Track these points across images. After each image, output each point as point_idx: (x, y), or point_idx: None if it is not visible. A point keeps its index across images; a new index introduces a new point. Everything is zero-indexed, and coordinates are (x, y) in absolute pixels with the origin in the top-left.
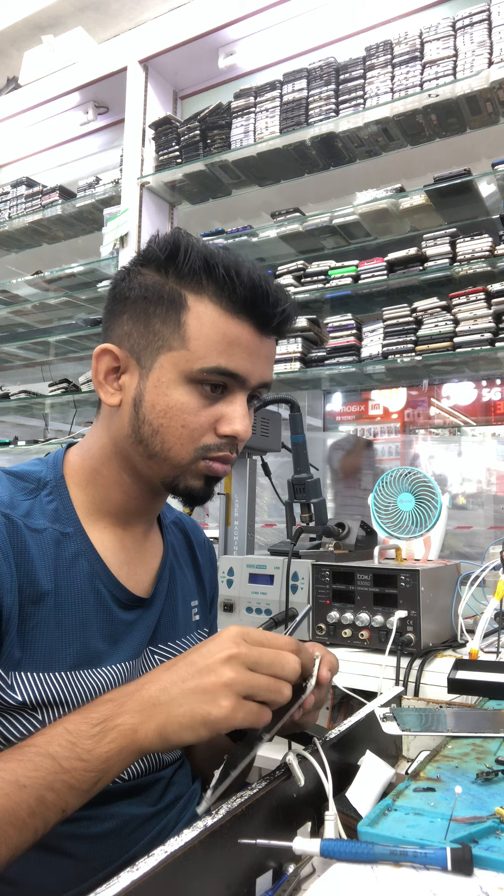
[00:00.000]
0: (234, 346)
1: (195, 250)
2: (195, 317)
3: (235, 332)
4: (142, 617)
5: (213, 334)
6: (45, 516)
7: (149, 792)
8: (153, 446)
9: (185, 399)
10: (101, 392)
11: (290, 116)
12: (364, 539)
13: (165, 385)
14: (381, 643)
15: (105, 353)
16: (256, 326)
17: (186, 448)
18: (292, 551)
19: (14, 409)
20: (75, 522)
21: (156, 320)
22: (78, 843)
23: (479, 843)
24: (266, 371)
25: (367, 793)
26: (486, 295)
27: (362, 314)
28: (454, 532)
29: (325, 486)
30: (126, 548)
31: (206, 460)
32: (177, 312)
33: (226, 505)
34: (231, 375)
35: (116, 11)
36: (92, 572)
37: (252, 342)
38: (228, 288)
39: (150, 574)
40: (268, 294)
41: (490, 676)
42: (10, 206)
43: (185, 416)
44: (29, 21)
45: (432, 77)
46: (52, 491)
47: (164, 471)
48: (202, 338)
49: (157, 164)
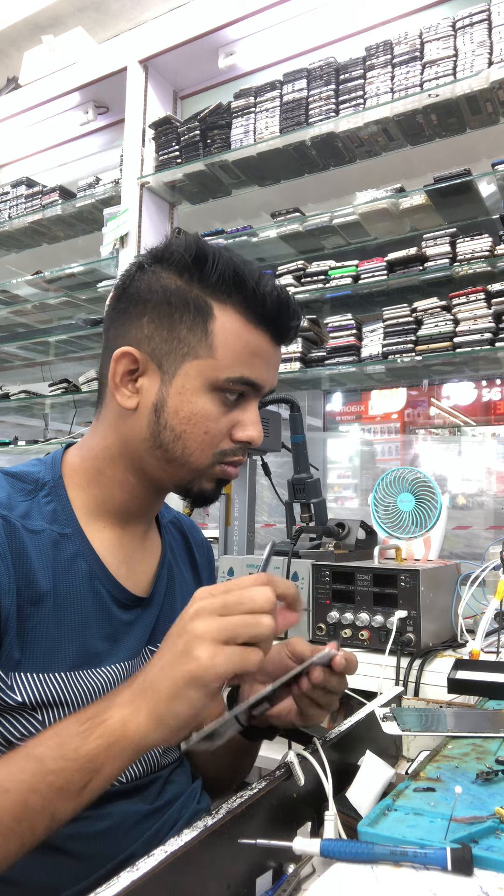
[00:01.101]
0: (256, 357)
1: (223, 259)
2: (221, 326)
3: (257, 343)
4: (141, 616)
5: (237, 344)
6: (43, 517)
7: (146, 790)
8: (174, 451)
9: (209, 407)
10: (118, 394)
11: (290, 116)
12: (364, 539)
13: (190, 392)
14: (381, 643)
15: (125, 355)
16: (273, 337)
17: (206, 453)
18: (292, 551)
19: (14, 409)
20: (73, 523)
21: (181, 327)
22: (75, 841)
23: (479, 843)
24: (275, 378)
25: (367, 793)
26: (486, 295)
27: (362, 314)
28: (454, 532)
29: (325, 486)
30: (125, 547)
31: (222, 465)
32: (204, 321)
33: (226, 505)
34: (252, 385)
35: (116, 11)
36: (91, 573)
37: (269, 352)
38: (255, 300)
39: (148, 574)
40: (289, 307)
41: (490, 676)
42: (10, 206)
43: (208, 422)
44: (29, 21)
45: (432, 77)
46: (50, 492)
47: (181, 475)
48: (228, 347)
49: (157, 164)
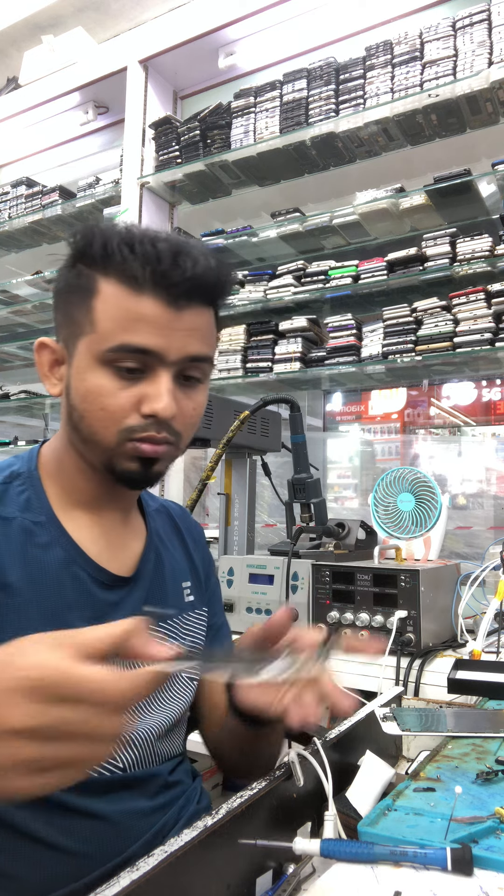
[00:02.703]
0: (140, 322)
1: (107, 233)
2: (102, 299)
3: (140, 308)
4: (127, 597)
5: (117, 313)
6: (16, 506)
7: (146, 786)
8: (83, 432)
9: (100, 382)
10: (47, 384)
11: (290, 116)
12: (364, 539)
13: (83, 370)
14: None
15: (42, 346)
16: (166, 299)
17: (110, 430)
18: (292, 551)
19: (14, 409)
20: (48, 512)
21: (73, 309)
22: (74, 838)
23: (479, 843)
24: (189, 344)
25: (367, 793)
26: (486, 295)
27: (362, 314)
28: (454, 532)
29: (325, 486)
30: (105, 535)
31: (133, 441)
32: (89, 298)
33: (226, 505)
34: (141, 352)
35: (116, 11)
36: (67, 558)
37: (163, 316)
38: (134, 264)
39: (132, 558)
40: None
41: (490, 676)
42: (10, 206)
43: (103, 398)
44: (29, 21)
45: (432, 77)
46: (24, 482)
47: (97, 455)
48: (107, 318)
49: (157, 164)
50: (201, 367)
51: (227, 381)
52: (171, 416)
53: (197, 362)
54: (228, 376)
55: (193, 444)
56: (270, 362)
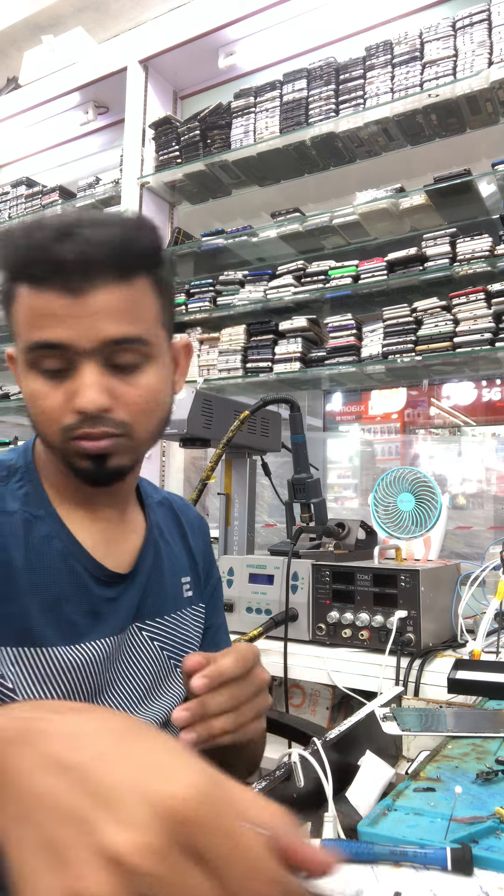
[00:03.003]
0: (44, 317)
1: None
2: (19, 303)
3: (41, 303)
4: (124, 593)
5: (25, 314)
6: (16, 500)
7: None
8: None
9: (33, 386)
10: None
11: (290, 116)
12: (364, 539)
13: (21, 377)
14: (381, 643)
15: (9, 357)
16: (61, 288)
17: (53, 431)
18: (292, 551)
19: (14, 409)
20: (46, 505)
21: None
22: None
23: (479, 843)
24: (101, 328)
25: (367, 793)
26: (486, 295)
27: (362, 314)
28: (454, 532)
29: (325, 486)
30: (101, 528)
31: (74, 440)
32: (10, 304)
33: (226, 505)
34: (49, 347)
35: (116, 11)
36: (66, 551)
37: (64, 306)
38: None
39: (131, 553)
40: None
41: (490, 676)
42: (10, 206)
43: (39, 402)
44: (29, 21)
45: (432, 77)
46: (22, 477)
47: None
48: (22, 321)
49: (157, 164)
50: (134, 350)
51: (227, 381)
52: (101, 408)
53: (124, 345)
54: (228, 376)
55: (193, 444)
56: (270, 362)
